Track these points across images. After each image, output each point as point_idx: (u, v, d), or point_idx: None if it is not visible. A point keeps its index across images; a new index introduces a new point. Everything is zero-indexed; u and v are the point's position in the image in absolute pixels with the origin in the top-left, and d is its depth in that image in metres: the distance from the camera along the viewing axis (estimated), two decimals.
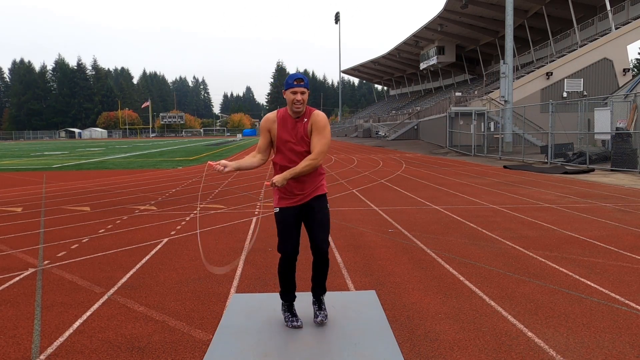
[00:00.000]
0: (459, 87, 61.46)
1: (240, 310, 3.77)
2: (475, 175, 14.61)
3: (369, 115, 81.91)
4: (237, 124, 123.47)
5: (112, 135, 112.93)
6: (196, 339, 3.38)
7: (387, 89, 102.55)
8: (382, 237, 6.44)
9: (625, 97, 19.29)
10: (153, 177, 15.44)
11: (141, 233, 6.86)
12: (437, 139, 33.47)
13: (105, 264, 5.31)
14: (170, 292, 4.36)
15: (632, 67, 48.98)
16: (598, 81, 34.30)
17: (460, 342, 3.27)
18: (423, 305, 3.97)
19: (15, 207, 9.46)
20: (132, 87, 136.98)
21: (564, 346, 3.20)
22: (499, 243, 6.04)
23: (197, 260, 5.43)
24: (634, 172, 14.54)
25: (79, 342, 3.36)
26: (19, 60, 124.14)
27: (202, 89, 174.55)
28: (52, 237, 6.66)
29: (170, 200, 10.01)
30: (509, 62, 24.97)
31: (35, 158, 27.61)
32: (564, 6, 38.83)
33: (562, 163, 17.89)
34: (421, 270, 4.94)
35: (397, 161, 21.21)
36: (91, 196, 10.85)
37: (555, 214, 7.99)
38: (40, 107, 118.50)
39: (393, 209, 8.68)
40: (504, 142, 24.10)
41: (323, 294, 3.54)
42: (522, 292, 4.26)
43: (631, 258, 5.30)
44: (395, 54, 71.49)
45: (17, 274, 4.99)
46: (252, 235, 5.32)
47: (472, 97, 38.39)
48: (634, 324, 3.55)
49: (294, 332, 3.36)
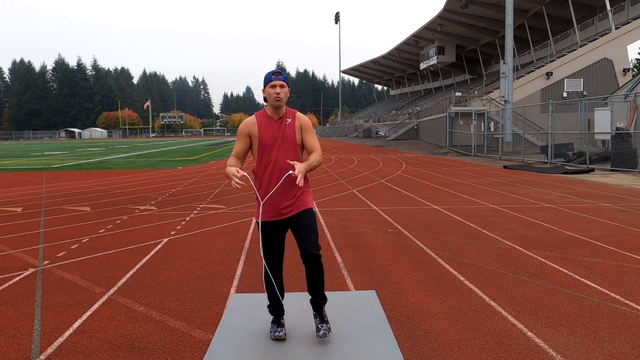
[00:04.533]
0: (459, 87, 61.46)
1: (240, 310, 3.77)
2: (475, 175, 14.61)
3: (369, 115, 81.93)
4: (237, 124, 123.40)
5: (112, 135, 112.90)
6: (196, 339, 3.38)
7: (387, 89, 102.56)
8: (382, 237, 6.44)
9: (625, 97, 19.29)
10: (153, 177, 15.44)
11: (141, 233, 6.86)
12: (437, 139, 33.47)
13: (105, 264, 5.31)
14: (170, 292, 4.36)
15: (632, 67, 48.99)
16: (598, 81, 34.30)
17: (460, 342, 3.27)
18: (423, 305, 3.97)
19: (15, 207, 9.46)
20: (132, 87, 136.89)
21: (564, 346, 3.20)
22: (499, 243, 6.04)
23: (197, 260, 5.43)
24: (634, 172, 14.54)
25: (79, 342, 3.36)
26: (19, 60, 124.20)
27: (202, 89, 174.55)
28: (52, 237, 6.66)
29: (170, 200, 10.01)
30: (509, 62, 24.97)
31: (35, 158, 27.61)
32: (564, 6, 38.84)
33: (562, 163, 17.89)
34: (421, 270, 4.94)
35: (397, 161, 21.21)
36: (91, 196, 10.85)
37: (555, 214, 7.99)
38: (40, 107, 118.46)
39: (393, 209, 8.68)
40: (504, 142, 24.11)
41: (324, 303, 3.24)
42: (522, 292, 4.25)
43: (631, 258, 5.30)
44: (395, 54, 71.48)
45: (17, 274, 4.99)
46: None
47: (472, 97, 38.39)
48: (634, 324, 3.55)
49: (294, 332, 3.36)
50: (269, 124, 3.16)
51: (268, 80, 3.11)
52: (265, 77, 3.14)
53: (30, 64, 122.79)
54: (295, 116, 3.21)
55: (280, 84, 3.10)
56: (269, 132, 3.14)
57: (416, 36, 60.36)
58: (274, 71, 3.14)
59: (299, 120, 3.20)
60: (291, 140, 3.14)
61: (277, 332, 3.24)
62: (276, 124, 3.15)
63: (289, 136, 3.14)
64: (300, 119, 3.21)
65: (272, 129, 3.14)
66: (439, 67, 65.04)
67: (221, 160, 23.37)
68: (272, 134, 3.13)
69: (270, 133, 3.14)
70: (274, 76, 3.11)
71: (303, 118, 3.23)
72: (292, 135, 3.15)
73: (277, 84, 3.10)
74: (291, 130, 3.15)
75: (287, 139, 3.14)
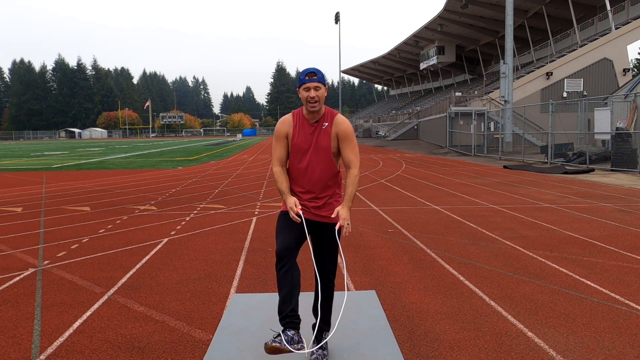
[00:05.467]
0: (459, 87, 61.46)
1: (240, 310, 3.77)
2: (475, 175, 14.61)
3: (369, 115, 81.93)
4: (237, 124, 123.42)
5: (112, 135, 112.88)
6: (196, 339, 3.38)
7: (387, 89, 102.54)
8: (382, 237, 6.44)
9: (625, 97, 19.28)
10: (153, 177, 15.44)
11: (141, 233, 6.86)
12: (437, 139, 33.47)
13: (105, 264, 5.31)
14: (170, 292, 4.36)
15: (632, 67, 48.98)
16: (598, 81, 34.30)
17: (460, 342, 3.27)
18: (423, 305, 3.97)
19: (15, 207, 9.46)
20: (132, 87, 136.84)
21: (564, 346, 3.20)
22: (498, 243, 6.04)
23: (197, 260, 5.43)
24: (634, 172, 14.54)
25: (79, 342, 3.36)
26: (19, 60, 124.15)
27: (202, 89, 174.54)
28: (52, 237, 6.66)
29: (170, 200, 10.01)
30: (509, 62, 24.98)
31: (35, 158, 27.61)
32: (564, 6, 38.82)
33: (562, 163, 17.89)
34: (421, 270, 4.94)
35: (397, 161, 21.21)
36: (91, 196, 10.85)
37: (555, 214, 7.99)
38: (40, 107, 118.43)
39: (393, 209, 8.68)
40: (504, 142, 24.11)
41: (325, 330, 3.03)
42: (522, 292, 4.26)
43: (631, 258, 5.30)
44: (395, 54, 71.46)
45: (17, 274, 4.99)
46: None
47: (472, 97, 38.40)
48: (634, 324, 3.55)
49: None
50: (303, 127, 2.87)
51: (302, 81, 2.78)
52: (299, 78, 2.81)
53: (30, 64, 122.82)
54: (333, 121, 2.87)
55: (315, 85, 2.76)
56: (303, 136, 2.86)
57: (416, 36, 60.34)
58: (308, 71, 2.79)
59: (337, 126, 2.86)
60: (325, 148, 2.85)
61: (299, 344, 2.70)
62: (311, 128, 2.86)
63: (323, 143, 2.85)
64: (338, 125, 2.86)
65: (306, 133, 2.86)
66: (439, 67, 65.02)
67: (221, 160, 23.37)
68: (305, 139, 2.86)
69: (303, 137, 2.86)
70: (308, 77, 2.77)
71: (342, 124, 2.86)
72: (326, 143, 2.85)
73: (312, 86, 2.76)
74: (326, 137, 2.85)
75: (321, 147, 2.85)
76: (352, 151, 2.86)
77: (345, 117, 2.98)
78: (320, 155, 2.85)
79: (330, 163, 2.87)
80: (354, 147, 2.87)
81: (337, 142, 2.88)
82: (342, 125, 2.87)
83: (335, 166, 2.91)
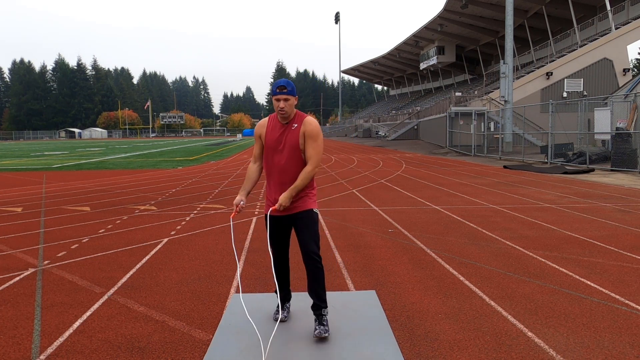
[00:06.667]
0: (459, 87, 61.46)
1: (240, 310, 3.77)
2: (475, 175, 14.61)
3: (369, 115, 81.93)
4: (237, 124, 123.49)
5: (112, 135, 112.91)
6: (196, 339, 3.38)
7: (387, 89, 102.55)
8: (382, 237, 6.44)
9: (625, 97, 19.28)
10: (153, 177, 15.44)
11: (141, 233, 6.86)
12: (437, 139, 33.48)
13: (105, 264, 5.31)
14: (170, 292, 4.36)
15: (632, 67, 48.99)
16: (598, 81, 34.30)
17: (460, 342, 3.27)
18: (423, 305, 3.97)
19: (15, 207, 9.47)
20: (132, 87, 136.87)
21: (564, 346, 3.20)
22: (498, 243, 6.04)
23: (197, 260, 5.43)
24: (634, 172, 14.54)
25: (79, 342, 3.36)
26: (19, 60, 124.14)
27: (202, 89, 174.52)
28: (52, 237, 6.66)
29: (170, 200, 10.01)
30: (509, 62, 24.97)
31: (35, 158, 27.61)
32: (564, 6, 38.83)
33: (562, 163, 17.89)
34: (421, 270, 4.94)
35: (397, 161, 21.21)
36: (91, 196, 10.85)
37: (555, 214, 7.99)
38: (40, 107, 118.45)
39: (393, 209, 8.68)
40: (504, 142, 24.11)
41: (323, 307, 3.27)
42: (522, 292, 4.26)
43: (631, 258, 5.30)
44: (395, 54, 71.48)
45: (17, 274, 4.99)
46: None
47: (472, 97, 38.40)
48: (634, 324, 3.55)
49: (294, 332, 3.36)
50: (275, 128, 3.28)
51: (274, 93, 3.20)
52: (272, 89, 3.24)
53: (30, 64, 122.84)
54: (302, 122, 3.25)
55: (284, 98, 3.17)
56: (274, 136, 3.26)
57: (416, 36, 60.36)
58: (279, 84, 3.19)
59: (305, 126, 3.23)
60: (293, 145, 3.22)
61: (277, 314, 3.52)
62: (282, 129, 3.26)
63: (291, 142, 3.22)
64: (306, 125, 3.23)
65: (277, 133, 3.26)
66: (439, 67, 65.03)
67: (221, 161, 23.38)
68: (276, 138, 3.26)
69: (275, 137, 3.26)
70: (279, 90, 3.17)
71: (310, 125, 3.23)
72: (294, 141, 3.22)
73: (282, 98, 3.17)
74: (295, 136, 3.22)
75: (291, 145, 3.22)
76: (314, 149, 3.21)
77: (314, 119, 3.33)
78: (291, 152, 3.22)
79: (299, 160, 3.24)
80: (316, 146, 3.22)
81: (304, 140, 3.23)
82: (310, 125, 3.24)
83: (303, 163, 3.26)
